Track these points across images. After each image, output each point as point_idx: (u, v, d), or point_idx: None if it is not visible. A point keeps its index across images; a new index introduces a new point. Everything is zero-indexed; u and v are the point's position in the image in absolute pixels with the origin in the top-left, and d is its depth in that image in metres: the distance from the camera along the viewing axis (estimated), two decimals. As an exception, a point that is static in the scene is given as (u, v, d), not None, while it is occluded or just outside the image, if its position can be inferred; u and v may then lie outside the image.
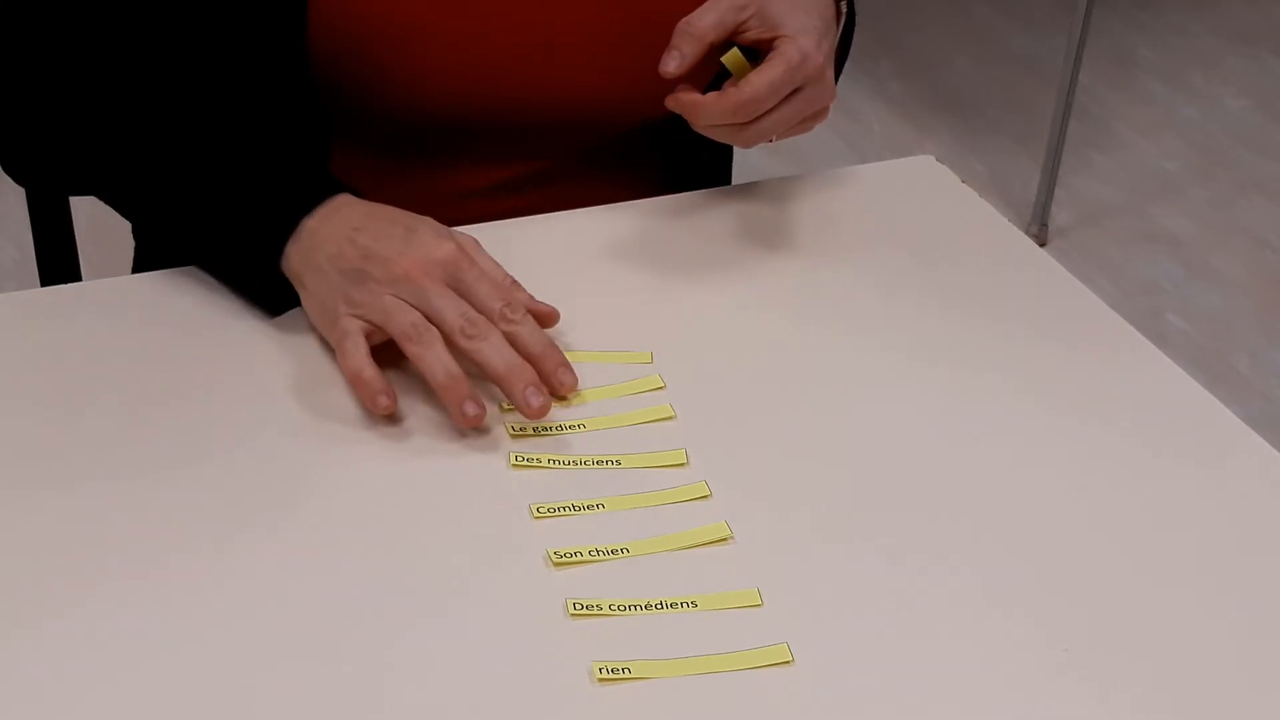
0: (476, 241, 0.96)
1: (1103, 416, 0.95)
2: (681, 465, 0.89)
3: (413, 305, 0.91)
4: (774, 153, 2.94)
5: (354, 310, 0.92)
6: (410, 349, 0.90)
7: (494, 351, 0.90)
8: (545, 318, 0.96)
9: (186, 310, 1.00)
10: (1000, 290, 1.07)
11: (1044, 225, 2.78)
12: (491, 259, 0.96)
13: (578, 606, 0.79)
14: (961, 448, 0.92)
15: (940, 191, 1.18)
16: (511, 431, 0.91)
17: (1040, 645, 0.79)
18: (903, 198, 1.17)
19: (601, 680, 0.75)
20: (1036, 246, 1.15)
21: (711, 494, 0.87)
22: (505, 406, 0.92)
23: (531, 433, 0.91)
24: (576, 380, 0.94)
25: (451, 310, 0.91)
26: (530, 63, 1.10)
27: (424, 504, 0.86)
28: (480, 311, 0.92)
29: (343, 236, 0.94)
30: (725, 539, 0.84)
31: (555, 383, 0.93)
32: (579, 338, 0.99)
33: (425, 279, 0.91)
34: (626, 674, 0.76)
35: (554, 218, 1.11)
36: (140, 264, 1.25)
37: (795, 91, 1.00)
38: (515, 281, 0.96)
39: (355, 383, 0.91)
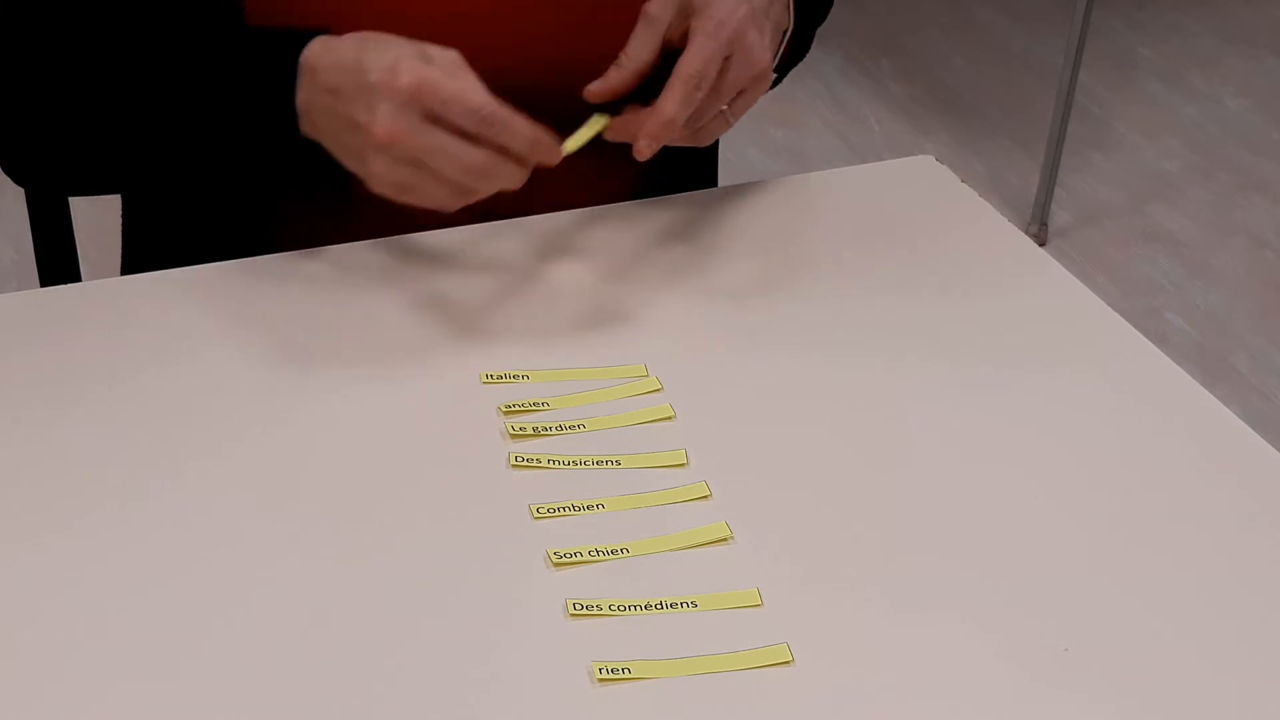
0: (425, 78, 0.95)
1: (1103, 416, 0.95)
2: (681, 465, 0.89)
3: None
4: (774, 153, 2.94)
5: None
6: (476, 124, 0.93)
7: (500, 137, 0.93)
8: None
9: (185, 310, 1.00)
10: (1000, 290, 1.07)
11: (1044, 225, 2.78)
12: (450, 84, 0.94)
13: (578, 607, 0.79)
14: (960, 446, 0.92)
15: (940, 191, 1.18)
16: (511, 431, 0.91)
17: (1040, 645, 0.79)
18: (903, 198, 1.17)
19: (601, 680, 0.75)
20: (1036, 246, 1.15)
21: (711, 494, 0.87)
22: (505, 407, 0.92)
23: (531, 433, 0.91)
24: (559, 155, 0.96)
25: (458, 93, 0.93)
26: (472, 36, 1.10)
27: (424, 504, 0.86)
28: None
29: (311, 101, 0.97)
30: (725, 539, 0.84)
31: (549, 157, 0.96)
32: (576, 340, 0.99)
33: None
34: (626, 674, 0.76)
35: (549, 218, 1.11)
36: (130, 264, 1.25)
37: (726, 61, 1.00)
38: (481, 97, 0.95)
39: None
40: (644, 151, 0.98)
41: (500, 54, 1.11)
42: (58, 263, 1.30)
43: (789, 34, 1.09)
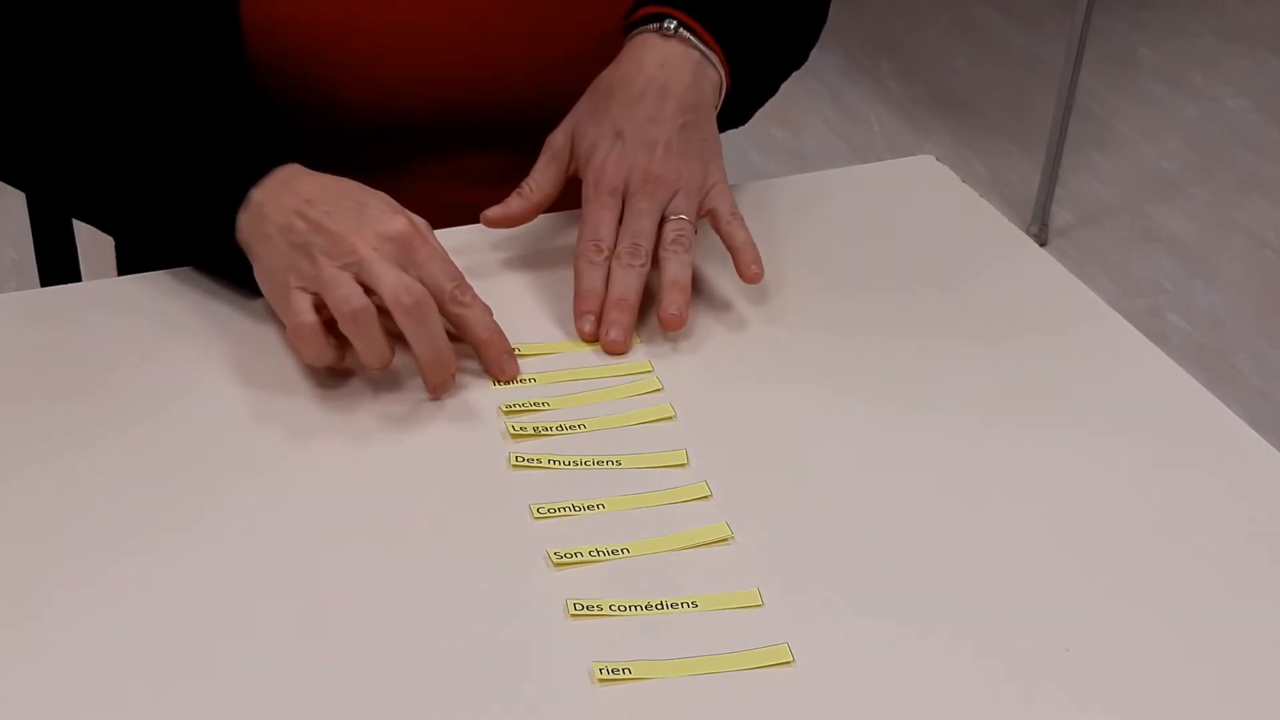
0: (428, 225, 0.95)
1: (1103, 416, 0.95)
2: (681, 465, 0.89)
3: (358, 279, 0.91)
4: (774, 153, 2.94)
5: (301, 283, 0.92)
6: (345, 327, 0.91)
7: (425, 339, 0.91)
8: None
9: (185, 311, 1.00)
10: (1000, 290, 1.07)
11: (1044, 225, 2.78)
12: (440, 245, 0.95)
13: (578, 607, 0.79)
14: (960, 446, 0.92)
15: (940, 191, 1.18)
16: (512, 431, 0.91)
17: (1040, 645, 0.78)
18: (903, 198, 1.17)
19: (601, 680, 0.75)
20: (1036, 246, 1.15)
21: (711, 494, 0.87)
22: (506, 407, 0.92)
23: (532, 433, 0.91)
24: (519, 370, 0.95)
25: (392, 284, 0.90)
26: (467, 56, 1.11)
27: (424, 504, 0.86)
28: (431, 290, 0.91)
29: (292, 209, 0.94)
30: (725, 539, 0.84)
31: (498, 370, 0.94)
32: (574, 334, 0.99)
33: (373, 254, 0.91)
34: (626, 674, 0.76)
35: (547, 219, 1.10)
36: (124, 265, 1.25)
37: (625, 201, 1.00)
38: (461, 273, 0.95)
39: (296, 335, 0.91)
40: (607, 335, 0.97)
41: (485, 65, 1.12)
42: (58, 263, 1.30)
43: (725, 91, 1.08)
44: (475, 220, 1.05)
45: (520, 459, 0.89)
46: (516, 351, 0.96)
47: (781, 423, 0.93)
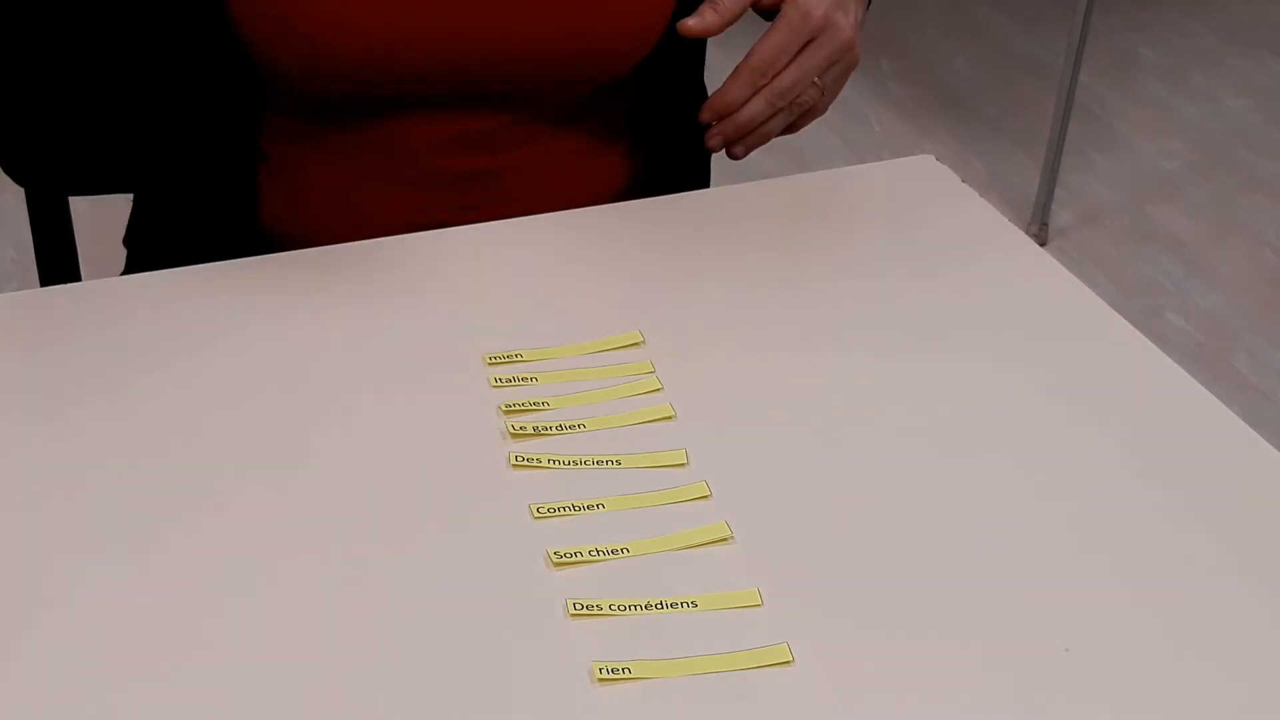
0: None
1: (1103, 416, 0.95)
2: (681, 465, 0.89)
3: None
4: (773, 152, 2.94)
5: None
6: None
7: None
8: None
9: (185, 310, 1.00)
10: (1000, 290, 1.07)
11: (1044, 225, 2.78)
12: None
13: (578, 606, 0.79)
14: (960, 446, 0.92)
15: (940, 191, 1.18)
16: (512, 431, 0.91)
17: (1040, 645, 0.79)
18: (903, 198, 1.17)
19: (601, 680, 0.75)
20: (1036, 246, 1.15)
21: (711, 494, 0.87)
22: (506, 407, 0.92)
23: (531, 432, 0.91)
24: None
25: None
26: (463, 14, 1.10)
27: (424, 504, 0.86)
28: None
29: None
30: (725, 539, 0.84)
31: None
32: (574, 335, 0.99)
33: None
34: (626, 674, 0.76)
35: (549, 218, 1.11)
36: (132, 262, 1.25)
37: (806, 45, 1.07)
38: None
39: None
40: (711, 138, 1.08)
41: (493, 39, 1.11)
42: (58, 263, 1.30)
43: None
44: (460, 190, 1.05)
45: (520, 459, 0.89)
46: (519, 357, 0.97)
47: (781, 423, 0.93)
